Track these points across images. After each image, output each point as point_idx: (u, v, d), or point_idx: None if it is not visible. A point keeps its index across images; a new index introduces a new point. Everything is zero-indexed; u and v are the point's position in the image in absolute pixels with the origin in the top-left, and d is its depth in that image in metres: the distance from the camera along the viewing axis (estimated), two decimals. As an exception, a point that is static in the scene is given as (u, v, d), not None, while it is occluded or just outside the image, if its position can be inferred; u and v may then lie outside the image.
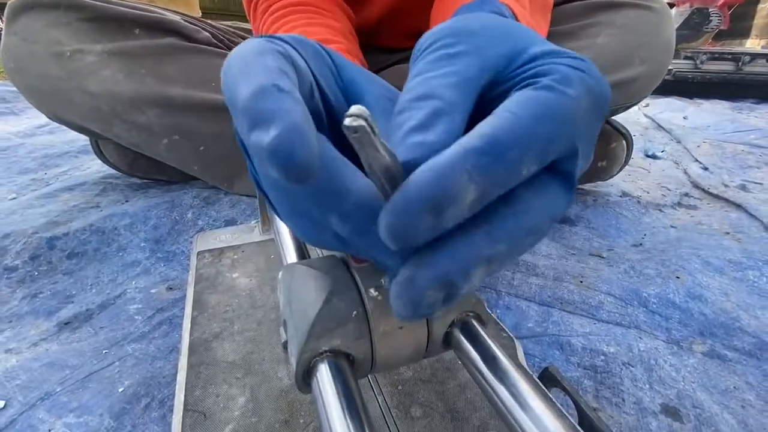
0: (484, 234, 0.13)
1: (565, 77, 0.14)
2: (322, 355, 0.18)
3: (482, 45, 0.16)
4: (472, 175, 0.11)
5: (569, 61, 0.15)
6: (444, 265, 0.12)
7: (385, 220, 0.12)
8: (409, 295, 0.13)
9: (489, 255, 0.13)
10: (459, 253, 0.12)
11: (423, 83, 0.16)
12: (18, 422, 0.29)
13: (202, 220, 0.57)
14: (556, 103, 0.13)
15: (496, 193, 0.13)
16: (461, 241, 0.13)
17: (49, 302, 0.42)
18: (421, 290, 0.12)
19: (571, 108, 0.13)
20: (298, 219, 0.17)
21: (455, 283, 0.12)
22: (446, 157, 0.12)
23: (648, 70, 0.53)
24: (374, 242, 0.13)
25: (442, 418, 0.25)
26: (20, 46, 0.51)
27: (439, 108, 0.15)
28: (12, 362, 0.34)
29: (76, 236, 0.51)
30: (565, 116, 0.13)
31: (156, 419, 0.30)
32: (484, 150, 0.12)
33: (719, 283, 0.45)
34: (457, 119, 0.15)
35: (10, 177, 0.75)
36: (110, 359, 0.35)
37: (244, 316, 0.33)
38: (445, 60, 0.16)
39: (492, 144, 0.12)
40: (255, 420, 0.25)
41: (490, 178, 0.12)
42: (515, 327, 0.39)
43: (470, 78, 0.16)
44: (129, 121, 0.53)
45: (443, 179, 0.11)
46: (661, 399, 0.32)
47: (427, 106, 0.15)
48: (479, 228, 0.13)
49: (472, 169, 0.12)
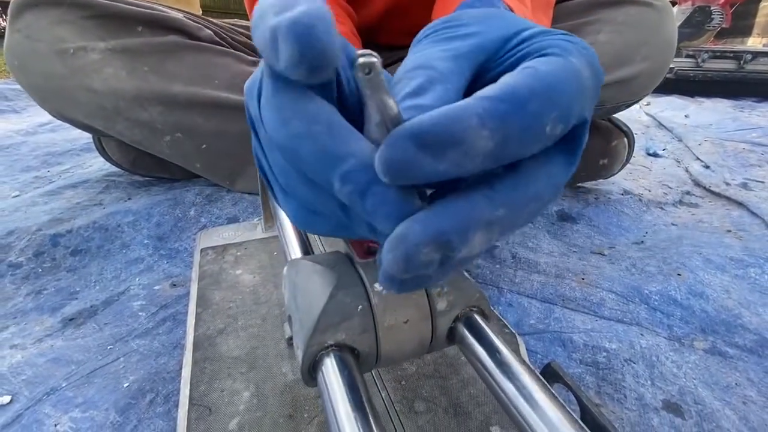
0: (484, 197, 0.12)
1: (566, 49, 0.14)
2: (328, 349, 0.18)
3: (477, 30, 0.17)
4: (485, 120, 0.11)
5: (561, 36, 0.15)
6: (441, 222, 0.12)
7: (382, 150, 0.11)
8: (402, 249, 0.12)
9: (489, 219, 0.12)
10: (457, 212, 0.12)
11: (418, 57, 0.16)
12: (24, 417, 0.30)
13: (204, 218, 0.57)
14: (571, 66, 0.13)
15: (518, 149, 0.12)
16: (460, 201, 0.12)
17: (53, 299, 0.42)
18: (416, 246, 0.12)
19: (582, 74, 0.13)
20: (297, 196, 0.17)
21: (452, 243, 0.12)
22: (460, 102, 0.12)
23: (649, 67, 0.53)
24: (375, 206, 0.13)
25: (445, 412, 0.25)
26: (24, 43, 0.51)
27: (432, 76, 0.15)
28: (18, 358, 0.34)
29: (80, 233, 0.51)
30: (580, 80, 0.13)
31: (161, 414, 0.30)
32: (500, 98, 0.12)
33: (721, 280, 0.45)
34: (450, 88, 0.15)
35: (13, 175, 0.75)
36: (115, 355, 0.35)
37: (248, 312, 0.33)
38: (442, 41, 0.16)
39: (510, 93, 0.12)
40: (260, 414, 0.25)
41: (508, 126, 0.11)
42: (517, 324, 0.40)
43: (465, 52, 0.16)
44: (132, 118, 0.54)
45: (449, 118, 0.11)
46: (662, 395, 0.32)
47: (422, 74, 0.15)
48: (479, 191, 0.13)
49: (485, 113, 0.11)
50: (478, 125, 0.11)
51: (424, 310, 0.20)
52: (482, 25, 0.17)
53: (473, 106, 0.11)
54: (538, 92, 0.12)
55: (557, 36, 0.15)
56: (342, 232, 0.17)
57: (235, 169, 0.62)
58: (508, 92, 0.12)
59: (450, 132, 0.11)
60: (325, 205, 0.16)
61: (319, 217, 0.17)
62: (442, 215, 0.12)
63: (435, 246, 0.12)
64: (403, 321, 0.19)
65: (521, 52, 0.15)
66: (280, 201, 0.18)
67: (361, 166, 0.13)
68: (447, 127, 0.11)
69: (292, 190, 0.17)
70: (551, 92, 0.12)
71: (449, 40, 0.17)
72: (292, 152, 0.15)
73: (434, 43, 0.17)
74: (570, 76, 0.13)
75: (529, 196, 0.13)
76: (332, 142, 0.13)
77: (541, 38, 0.15)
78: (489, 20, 0.18)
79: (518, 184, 0.13)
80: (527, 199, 0.13)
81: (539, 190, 0.13)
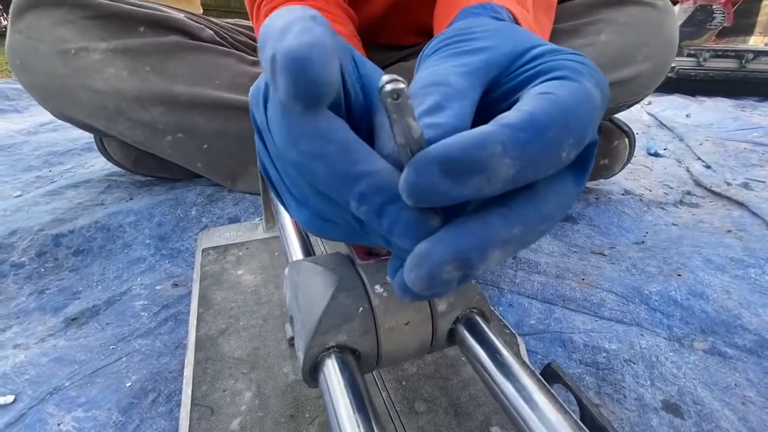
0: (501, 217, 0.13)
1: (576, 70, 0.14)
2: (329, 350, 0.19)
3: (487, 45, 0.17)
4: (507, 148, 0.11)
5: (571, 57, 0.15)
6: (461, 241, 0.12)
7: (408, 174, 0.12)
8: (426, 268, 0.12)
9: (505, 238, 0.13)
10: (476, 231, 0.12)
11: (432, 73, 0.16)
12: (28, 416, 0.30)
13: (206, 218, 0.57)
14: (585, 91, 0.13)
15: (534, 175, 0.13)
16: (479, 221, 0.13)
17: (55, 298, 0.42)
18: (438, 264, 0.12)
19: (595, 98, 0.14)
20: (310, 205, 0.17)
21: (471, 261, 0.12)
22: (481, 127, 0.12)
23: (650, 67, 0.53)
24: (392, 225, 0.13)
25: (445, 413, 0.26)
26: (25, 43, 0.51)
27: (448, 93, 0.15)
28: (21, 357, 0.35)
29: (82, 233, 0.51)
30: (594, 104, 0.14)
31: (163, 414, 0.30)
32: (521, 126, 0.12)
33: (721, 280, 0.45)
34: (465, 104, 0.15)
35: (15, 174, 0.75)
36: (117, 355, 0.35)
37: (250, 313, 0.34)
38: (453, 56, 0.17)
39: (530, 121, 0.12)
40: (261, 414, 0.25)
41: (528, 155, 0.12)
42: (518, 324, 0.40)
43: (477, 69, 0.16)
44: (133, 118, 0.54)
45: (475, 144, 0.11)
46: (662, 395, 0.33)
47: (437, 91, 0.15)
48: (496, 211, 0.13)
49: (507, 141, 0.11)
50: (501, 153, 0.11)
51: (424, 311, 0.20)
52: (493, 39, 0.17)
53: (497, 134, 0.12)
54: (556, 120, 0.12)
55: (567, 56, 0.15)
56: (356, 239, 0.18)
57: (236, 169, 0.62)
58: (528, 120, 0.12)
59: (475, 159, 0.11)
60: (340, 217, 0.16)
61: (333, 225, 0.17)
62: (463, 235, 0.12)
63: (456, 264, 0.12)
64: (403, 323, 0.20)
65: (533, 70, 0.16)
66: (291, 209, 0.19)
67: (377, 187, 0.13)
68: (472, 154, 0.11)
69: (305, 200, 0.17)
70: (568, 119, 0.12)
71: (461, 55, 0.17)
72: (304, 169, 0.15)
73: (446, 58, 0.17)
74: (585, 102, 0.13)
75: (542, 214, 0.14)
76: (346, 162, 0.14)
77: (551, 57, 0.16)
78: (499, 35, 0.18)
79: (532, 204, 0.13)
80: (541, 218, 0.14)
81: (551, 209, 0.14)
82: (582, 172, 0.15)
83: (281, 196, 0.19)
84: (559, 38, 0.50)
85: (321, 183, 0.14)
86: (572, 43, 0.51)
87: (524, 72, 0.16)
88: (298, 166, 0.15)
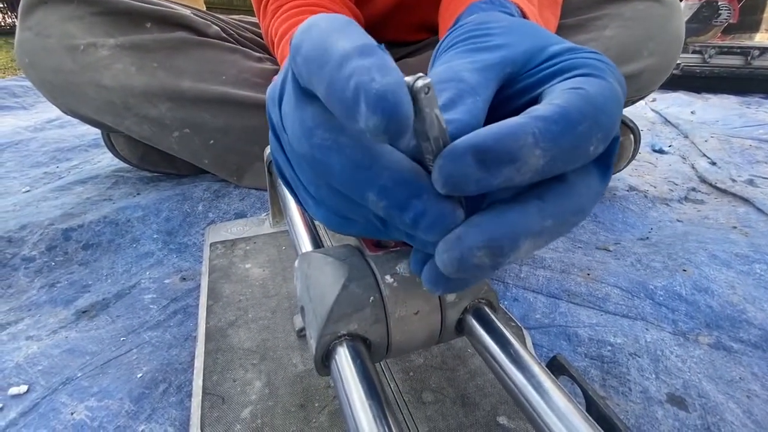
0: (536, 208, 0.13)
1: (599, 68, 0.15)
2: (341, 339, 0.19)
3: (504, 42, 0.17)
4: (539, 139, 0.12)
5: (592, 55, 0.16)
6: (495, 229, 0.12)
7: (443, 163, 0.12)
8: (458, 251, 0.12)
9: (538, 229, 0.13)
10: (511, 220, 0.13)
11: (447, 69, 0.16)
12: (41, 406, 0.30)
13: (212, 213, 0.58)
14: (612, 88, 0.14)
15: (563, 167, 0.13)
16: (515, 211, 0.13)
17: (66, 291, 0.43)
18: (470, 249, 0.12)
19: (620, 95, 0.14)
20: (328, 202, 0.17)
21: (503, 249, 0.12)
22: (514, 119, 0.12)
23: (656, 63, 0.53)
24: (418, 217, 0.13)
25: (453, 403, 0.26)
26: (34, 40, 0.51)
27: (462, 89, 0.15)
28: (33, 349, 0.35)
29: (91, 228, 0.52)
30: (619, 101, 0.14)
31: (174, 404, 0.31)
32: (554, 119, 0.12)
33: (726, 276, 0.45)
34: (479, 100, 0.15)
35: (23, 170, 0.76)
36: (128, 346, 0.35)
37: (258, 305, 0.34)
38: (469, 52, 0.17)
39: (563, 114, 0.12)
40: (271, 404, 0.26)
41: (559, 146, 0.12)
42: (523, 318, 0.40)
43: (493, 65, 0.16)
44: (141, 114, 0.54)
45: (508, 135, 0.12)
46: (667, 388, 0.33)
47: (451, 87, 0.15)
48: (531, 202, 0.13)
49: (539, 133, 0.12)
50: (533, 144, 0.12)
51: (433, 301, 0.20)
52: (509, 36, 0.18)
53: (529, 125, 0.12)
54: (587, 115, 0.13)
55: (588, 53, 0.16)
56: (376, 235, 0.18)
57: (242, 165, 0.62)
58: (561, 113, 0.12)
59: (508, 149, 0.12)
60: (359, 214, 0.16)
61: (352, 222, 0.17)
62: (498, 223, 0.13)
63: (488, 251, 0.12)
64: (413, 312, 0.20)
65: (554, 67, 0.16)
66: (309, 208, 0.18)
67: (400, 180, 0.13)
68: (505, 144, 0.12)
69: (322, 199, 0.17)
70: (598, 114, 0.13)
71: (476, 52, 0.17)
72: (319, 164, 0.15)
73: (462, 54, 0.17)
74: (612, 98, 0.14)
75: (574, 207, 0.14)
76: (362, 154, 0.14)
77: (571, 55, 0.16)
78: (516, 31, 0.18)
79: (566, 197, 0.14)
80: (573, 211, 0.14)
81: (584, 202, 0.14)
82: (607, 167, 0.15)
83: (297, 195, 0.19)
84: (564, 33, 0.50)
85: (336, 178, 0.14)
86: (577, 38, 0.51)
87: (545, 69, 0.16)
88: (312, 161, 0.15)
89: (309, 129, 0.14)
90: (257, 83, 0.58)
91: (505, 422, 0.25)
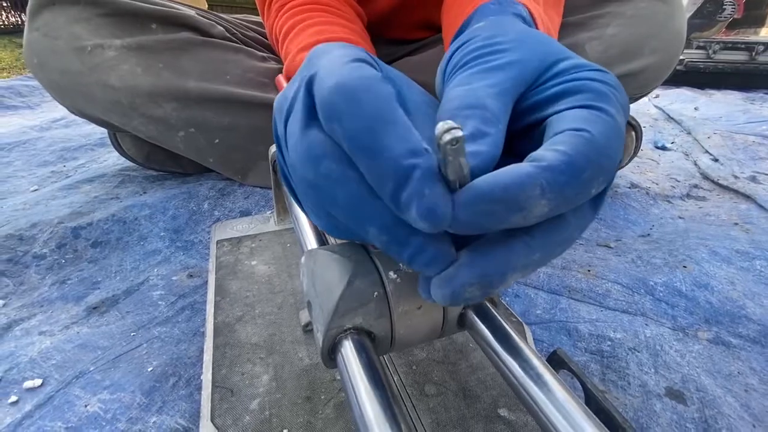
0: (524, 245, 0.14)
1: (603, 94, 0.15)
2: (346, 332, 0.20)
3: (515, 59, 0.17)
4: (545, 190, 0.12)
5: (596, 75, 0.16)
6: (485, 267, 0.14)
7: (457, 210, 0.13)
8: (450, 288, 0.14)
9: (525, 263, 0.14)
10: (500, 258, 0.14)
11: (469, 93, 0.16)
12: (56, 398, 0.31)
13: (218, 211, 0.58)
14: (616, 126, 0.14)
15: (564, 210, 0.13)
16: (503, 248, 0.14)
17: (76, 288, 0.44)
18: (462, 286, 0.14)
19: (622, 129, 0.14)
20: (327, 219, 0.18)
21: (492, 284, 0.14)
22: (521, 167, 0.13)
23: (658, 60, 0.53)
24: (413, 256, 0.14)
25: (455, 396, 0.27)
26: (42, 41, 0.52)
27: (486, 118, 0.15)
28: (46, 344, 0.36)
29: (99, 226, 0.52)
30: (622, 137, 0.14)
31: (183, 396, 0.32)
32: (561, 169, 0.13)
33: (726, 272, 0.45)
34: (501, 129, 0.15)
35: (30, 170, 0.77)
36: (138, 341, 0.36)
37: (265, 301, 0.35)
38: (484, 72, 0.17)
39: (569, 164, 0.13)
40: (279, 396, 0.27)
41: (564, 196, 0.13)
42: (524, 314, 0.41)
43: (509, 89, 0.16)
44: (147, 114, 0.55)
45: (516, 185, 0.12)
46: (665, 383, 0.33)
47: (476, 116, 0.15)
48: (520, 239, 0.14)
49: (546, 185, 0.12)
50: (539, 195, 0.12)
51: (436, 297, 0.21)
52: (520, 51, 0.18)
53: (537, 177, 0.12)
54: (593, 161, 0.13)
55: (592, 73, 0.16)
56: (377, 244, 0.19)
57: (246, 164, 0.63)
58: (567, 163, 0.13)
59: (516, 200, 0.12)
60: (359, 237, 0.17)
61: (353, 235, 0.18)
62: (486, 260, 0.14)
63: (478, 286, 0.14)
64: (416, 307, 0.21)
65: (560, 86, 0.16)
66: (311, 218, 0.19)
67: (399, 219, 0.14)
68: (515, 195, 0.12)
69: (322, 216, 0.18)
70: (602, 159, 0.13)
71: (492, 71, 0.17)
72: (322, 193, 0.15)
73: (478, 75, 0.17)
74: (616, 138, 0.14)
75: (562, 239, 0.14)
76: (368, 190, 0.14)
77: (576, 73, 0.16)
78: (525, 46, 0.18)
79: (554, 231, 0.14)
80: (560, 243, 0.15)
81: (571, 234, 0.15)
82: (598, 200, 0.16)
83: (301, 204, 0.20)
84: (566, 31, 0.51)
85: (340, 209, 0.15)
86: (579, 37, 0.51)
87: (551, 87, 0.16)
88: (316, 189, 0.15)
89: (316, 157, 0.15)
90: (261, 82, 0.59)
91: (506, 414, 0.26)
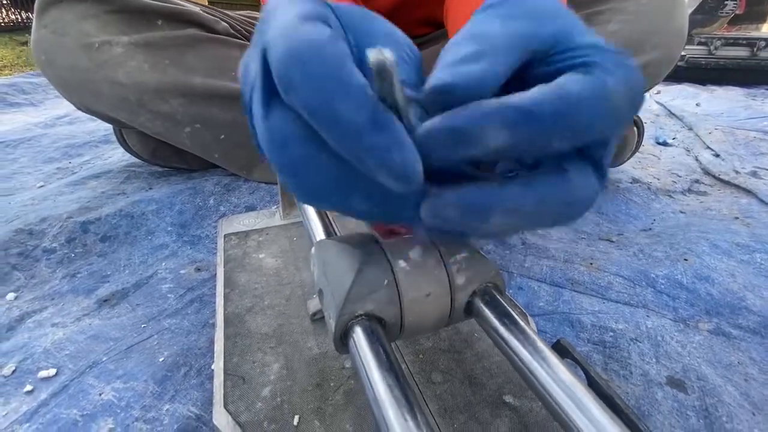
0: (518, 188, 0.14)
1: (604, 68, 0.15)
2: (358, 318, 0.20)
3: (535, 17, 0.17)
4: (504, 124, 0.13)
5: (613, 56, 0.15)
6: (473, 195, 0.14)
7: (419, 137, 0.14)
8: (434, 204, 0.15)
9: (515, 206, 0.14)
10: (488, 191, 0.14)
11: (477, 25, 0.16)
12: (70, 387, 0.32)
13: (223, 206, 0.59)
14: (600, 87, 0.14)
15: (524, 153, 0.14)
16: (497, 184, 0.14)
17: (87, 281, 0.44)
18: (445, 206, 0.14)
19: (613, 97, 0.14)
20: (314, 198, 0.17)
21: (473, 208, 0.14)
22: (485, 102, 0.13)
23: (659, 56, 0.53)
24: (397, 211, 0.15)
25: (461, 383, 0.27)
26: (50, 38, 0.53)
27: (488, 48, 0.15)
28: (59, 335, 0.37)
29: (108, 221, 0.53)
30: (607, 103, 0.14)
31: (195, 385, 0.32)
32: (522, 108, 0.13)
33: (726, 265, 0.46)
34: (501, 64, 0.15)
35: (36, 166, 0.78)
36: (149, 332, 0.37)
37: (273, 293, 0.36)
38: (502, 17, 0.17)
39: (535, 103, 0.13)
40: (290, 383, 0.27)
41: (520, 136, 0.13)
42: (527, 306, 0.41)
43: (521, 35, 0.16)
44: (154, 110, 0.56)
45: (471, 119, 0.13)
46: (667, 372, 0.34)
47: (478, 43, 0.15)
48: (516, 182, 0.15)
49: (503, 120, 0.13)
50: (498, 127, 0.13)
51: (444, 284, 0.22)
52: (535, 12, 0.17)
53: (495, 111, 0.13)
54: (560, 113, 0.13)
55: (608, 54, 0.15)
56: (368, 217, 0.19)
57: (251, 159, 0.63)
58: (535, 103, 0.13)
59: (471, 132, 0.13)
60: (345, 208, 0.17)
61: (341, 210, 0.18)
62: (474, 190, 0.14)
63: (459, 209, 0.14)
64: (425, 294, 0.21)
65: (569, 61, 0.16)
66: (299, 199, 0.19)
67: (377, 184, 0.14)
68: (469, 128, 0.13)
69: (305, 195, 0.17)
70: (574, 114, 0.13)
71: (509, 19, 0.16)
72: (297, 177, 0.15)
73: (495, 18, 0.17)
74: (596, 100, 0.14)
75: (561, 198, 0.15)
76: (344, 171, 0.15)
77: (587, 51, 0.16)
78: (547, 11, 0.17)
79: (553, 184, 0.15)
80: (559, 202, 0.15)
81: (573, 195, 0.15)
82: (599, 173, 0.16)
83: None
84: None
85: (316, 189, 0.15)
86: None
87: (561, 61, 0.16)
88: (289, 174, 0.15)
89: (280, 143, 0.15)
90: (266, 79, 0.59)
91: (511, 401, 0.26)
